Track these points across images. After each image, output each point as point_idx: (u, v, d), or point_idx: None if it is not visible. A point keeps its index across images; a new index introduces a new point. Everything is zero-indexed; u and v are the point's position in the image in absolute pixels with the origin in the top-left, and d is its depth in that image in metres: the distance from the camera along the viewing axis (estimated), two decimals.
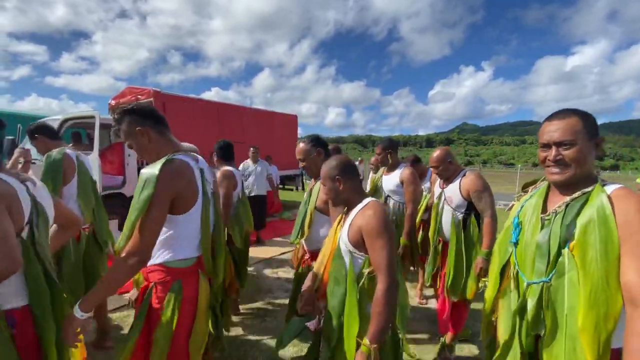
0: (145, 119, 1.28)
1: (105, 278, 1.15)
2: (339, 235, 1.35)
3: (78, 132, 5.63)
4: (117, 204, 5.23)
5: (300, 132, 10.91)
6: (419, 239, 2.99)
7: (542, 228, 1.06)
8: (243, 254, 2.78)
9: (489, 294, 1.27)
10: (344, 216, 1.41)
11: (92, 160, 4.60)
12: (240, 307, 3.10)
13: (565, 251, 0.97)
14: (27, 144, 4.93)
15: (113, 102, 6.66)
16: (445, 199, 2.37)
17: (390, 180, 2.86)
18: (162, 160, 1.18)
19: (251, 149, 5.20)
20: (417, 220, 2.91)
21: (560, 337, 0.96)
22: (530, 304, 1.03)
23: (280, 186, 8.80)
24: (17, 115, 9.99)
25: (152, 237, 1.14)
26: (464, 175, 2.29)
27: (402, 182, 2.74)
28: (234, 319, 2.90)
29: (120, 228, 5.33)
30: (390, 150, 2.87)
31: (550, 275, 0.99)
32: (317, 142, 1.95)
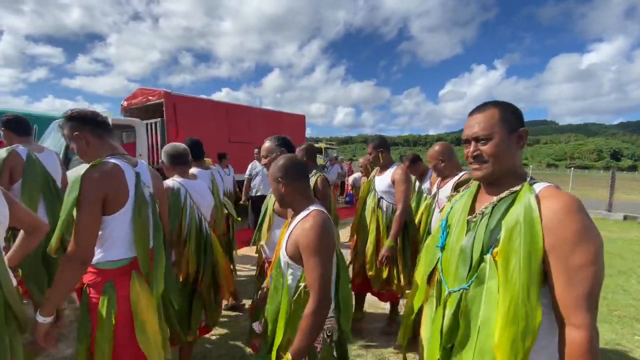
0: (84, 124, 1.32)
1: (55, 282, 1.17)
2: (282, 244, 1.30)
3: None
4: None
5: (309, 132, 10.91)
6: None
7: (467, 231, 0.96)
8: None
9: (413, 300, 1.20)
10: (289, 221, 1.35)
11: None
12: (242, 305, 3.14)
13: (488, 257, 0.87)
14: (45, 143, 5.10)
15: (125, 103, 6.82)
16: (437, 200, 2.33)
17: (383, 181, 2.68)
18: (92, 163, 1.22)
19: (255, 149, 5.23)
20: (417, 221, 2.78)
21: (469, 351, 0.87)
22: (448, 313, 0.95)
23: None
24: (33, 116, 10.28)
25: (88, 237, 1.18)
26: (461, 176, 2.22)
27: (393, 182, 2.59)
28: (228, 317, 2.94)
29: None
30: (382, 149, 2.69)
31: (470, 282, 0.89)
32: (283, 143, 1.91)
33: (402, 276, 2.53)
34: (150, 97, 6.19)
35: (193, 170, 2.70)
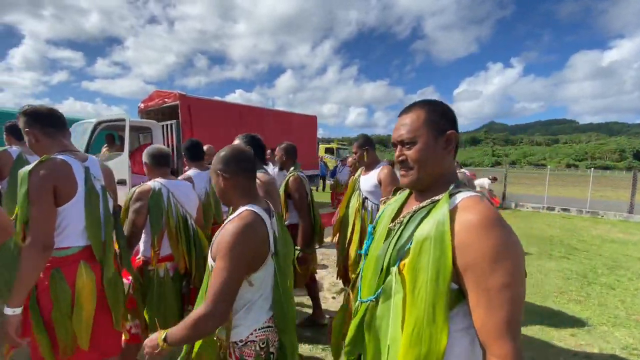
0: (35, 121, 1.42)
1: (20, 272, 1.23)
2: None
3: (111, 134, 5.99)
4: None
5: (321, 132, 10.93)
6: None
7: (386, 239, 0.90)
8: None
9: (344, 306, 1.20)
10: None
11: (122, 161, 4.90)
12: None
13: (394, 270, 0.81)
14: None
15: (142, 105, 7.01)
16: None
17: (368, 181, 2.60)
18: (40, 159, 1.34)
19: (269, 151, 5.30)
20: None
21: None
22: (353, 323, 0.92)
23: None
24: (75, 118, 10.68)
25: (45, 225, 1.28)
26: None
27: (379, 182, 2.51)
28: None
29: None
30: (367, 148, 2.63)
31: (376, 294, 0.85)
32: (250, 141, 1.88)
33: None
34: (166, 99, 6.35)
35: (190, 172, 2.72)
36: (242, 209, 1.17)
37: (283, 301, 1.23)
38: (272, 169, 5.27)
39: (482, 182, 9.76)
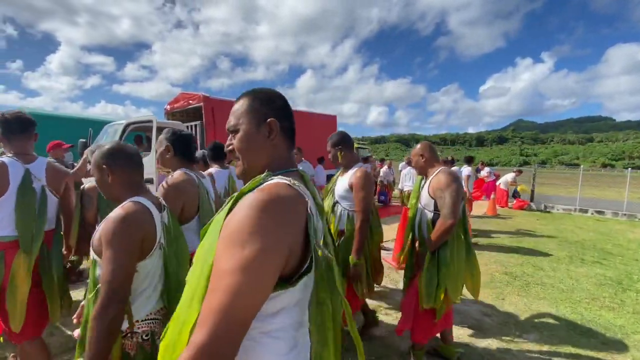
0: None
1: None
2: None
3: (140, 135, 6.27)
4: None
5: None
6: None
7: None
8: None
9: None
10: None
11: (149, 161, 5.12)
12: None
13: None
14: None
15: (168, 107, 7.28)
16: (419, 197, 2.29)
17: (342, 183, 2.39)
18: None
19: (294, 150, 5.34)
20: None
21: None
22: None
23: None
24: (88, 119, 11.31)
25: None
26: (436, 173, 2.19)
27: (350, 187, 2.29)
28: None
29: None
30: (341, 147, 2.38)
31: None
32: (169, 137, 1.82)
33: (361, 286, 2.32)
34: (190, 101, 6.56)
35: (212, 169, 2.98)
36: (126, 201, 1.17)
37: (174, 294, 1.22)
38: (308, 167, 5.29)
39: (506, 177, 9.65)
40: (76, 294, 3.13)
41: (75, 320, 1.32)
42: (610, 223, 8.24)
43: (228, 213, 0.68)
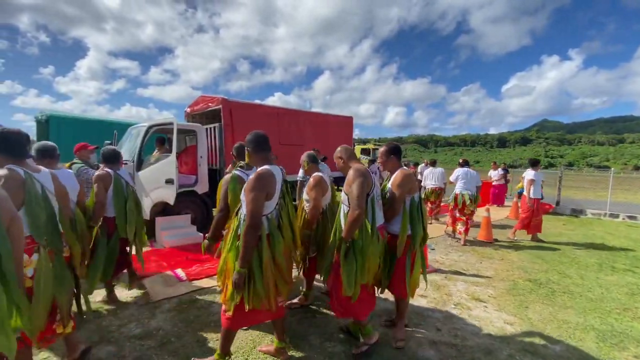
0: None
1: None
2: None
3: (162, 137, 6.45)
4: (190, 200, 5.86)
5: (357, 133, 10.89)
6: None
7: None
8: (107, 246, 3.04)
9: None
10: None
11: (170, 162, 5.26)
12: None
13: None
14: (123, 147, 5.81)
15: (188, 110, 7.45)
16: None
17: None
18: None
19: (313, 150, 5.26)
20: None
21: None
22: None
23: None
24: (113, 122, 11.74)
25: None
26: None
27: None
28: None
29: (194, 222, 5.90)
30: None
31: None
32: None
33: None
34: (210, 104, 6.69)
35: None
36: None
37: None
38: (326, 168, 5.24)
39: (527, 173, 9.48)
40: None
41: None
42: None
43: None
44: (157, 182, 5.21)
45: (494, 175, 11.71)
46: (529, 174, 6.20)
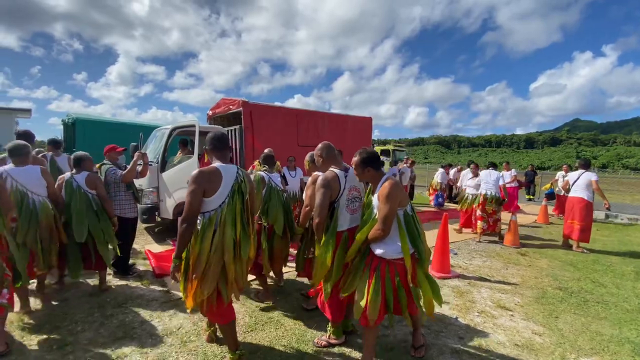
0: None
1: None
2: None
3: (185, 139, 6.64)
4: None
5: (377, 134, 10.79)
6: None
7: None
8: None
9: None
10: None
11: (192, 163, 5.39)
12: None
13: None
14: (148, 148, 6.02)
15: (210, 112, 7.63)
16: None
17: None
18: None
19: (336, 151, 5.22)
20: None
21: None
22: None
23: None
24: (139, 125, 12.19)
25: None
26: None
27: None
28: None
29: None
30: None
31: None
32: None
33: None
34: (230, 106, 6.82)
35: (261, 172, 3.31)
36: None
37: None
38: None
39: (558, 175, 9.28)
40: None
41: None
42: None
43: None
44: (179, 183, 5.35)
45: (506, 177, 11.10)
46: (591, 175, 5.66)
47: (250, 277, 3.95)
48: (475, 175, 6.65)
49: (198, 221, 2.09)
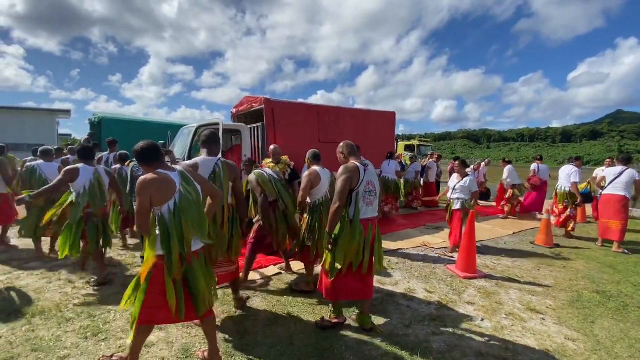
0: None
1: None
2: None
3: None
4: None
5: (402, 129, 10.51)
6: None
7: None
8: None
9: None
10: None
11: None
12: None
13: None
14: (175, 146, 6.24)
15: (234, 110, 7.77)
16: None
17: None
18: None
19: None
20: None
21: None
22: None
23: None
24: (167, 124, 12.66)
25: None
26: None
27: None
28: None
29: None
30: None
31: None
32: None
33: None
34: (253, 104, 6.90)
35: (316, 168, 3.41)
36: None
37: None
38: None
39: (597, 172, 8.44)
40: None
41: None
42: None
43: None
44: None
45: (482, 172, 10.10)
46: (635, 173, 5.29)
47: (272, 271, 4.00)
48: (464, 175, 4.99)
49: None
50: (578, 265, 4.58)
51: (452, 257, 4.77)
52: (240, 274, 3.30)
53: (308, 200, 3.36)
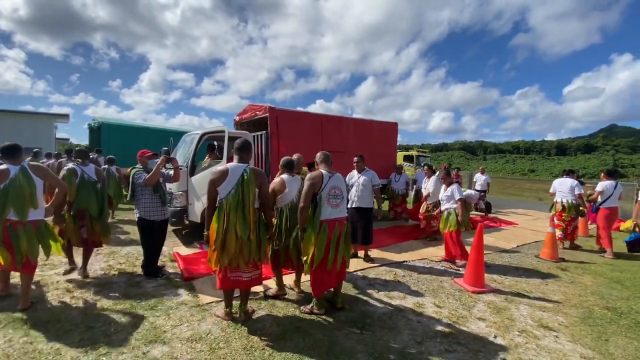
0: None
1: None
2: None
3: (212, 144, 6.76)
4: None
5: (400, 139, 10.50)
6: None
7: None
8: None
9: None
10: None
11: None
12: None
13: None
14: (178, 153, 6.17)
15: (237, 118, 7.74)
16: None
17: None
18: None
19: (355, 158, 5.05)
20: None
21: None
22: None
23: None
24: (168, 130, 12.60)
25: None
26: None
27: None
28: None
29: None
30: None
31: None
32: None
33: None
34: (257, 112, 6.89)
35: (283, 176, 3.48)
36: None
37: None
38: (355, 178, 5.12)
39: (602, 185, 8.39)
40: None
41: None
42: None
43: None
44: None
45: (479, 181, 10.33)
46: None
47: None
48: (449, 184, 4.96)
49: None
50: (586, 281, 4.52)
51: (458, 270, 4.70)
52: (264, 283, 3.54)
53: (277, 205, 3.52)
